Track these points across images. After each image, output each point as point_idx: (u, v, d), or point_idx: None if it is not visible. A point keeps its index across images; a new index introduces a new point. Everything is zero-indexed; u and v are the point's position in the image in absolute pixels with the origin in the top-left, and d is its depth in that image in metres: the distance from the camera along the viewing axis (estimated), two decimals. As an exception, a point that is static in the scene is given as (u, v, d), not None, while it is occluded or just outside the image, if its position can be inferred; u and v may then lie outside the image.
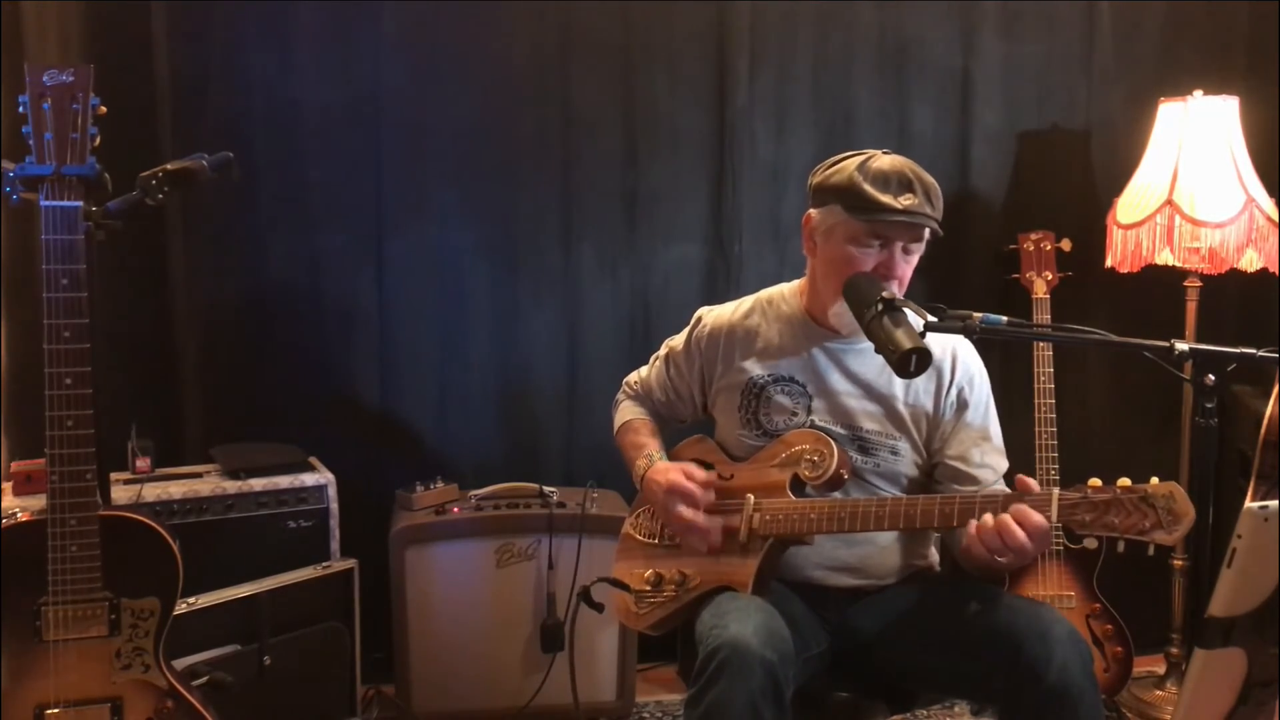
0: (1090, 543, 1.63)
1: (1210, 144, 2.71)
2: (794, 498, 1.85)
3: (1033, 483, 1.68)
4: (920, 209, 1.82)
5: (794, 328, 2.00)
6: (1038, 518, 1.63)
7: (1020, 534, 1.62)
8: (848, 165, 1.87)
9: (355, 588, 2.54)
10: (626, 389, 2.26)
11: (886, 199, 1.81)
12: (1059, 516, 1.62)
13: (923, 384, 1.94)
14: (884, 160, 1.85)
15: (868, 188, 1.82)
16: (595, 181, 2.99)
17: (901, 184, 1.83)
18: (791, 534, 1.84)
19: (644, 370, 2.23)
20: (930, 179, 1.86)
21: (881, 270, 1.85)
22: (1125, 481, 1.59)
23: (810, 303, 1.99)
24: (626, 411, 2.21)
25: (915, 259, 1.90)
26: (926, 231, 1.86)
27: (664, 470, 1.96)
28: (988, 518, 1.66)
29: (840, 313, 1.88)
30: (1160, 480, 1.57)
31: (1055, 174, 3.14)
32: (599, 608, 2.00)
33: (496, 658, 2.67)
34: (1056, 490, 1.64)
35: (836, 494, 1.86)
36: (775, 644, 1.66)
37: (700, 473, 1.93)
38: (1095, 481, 1.62)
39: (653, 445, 2.08)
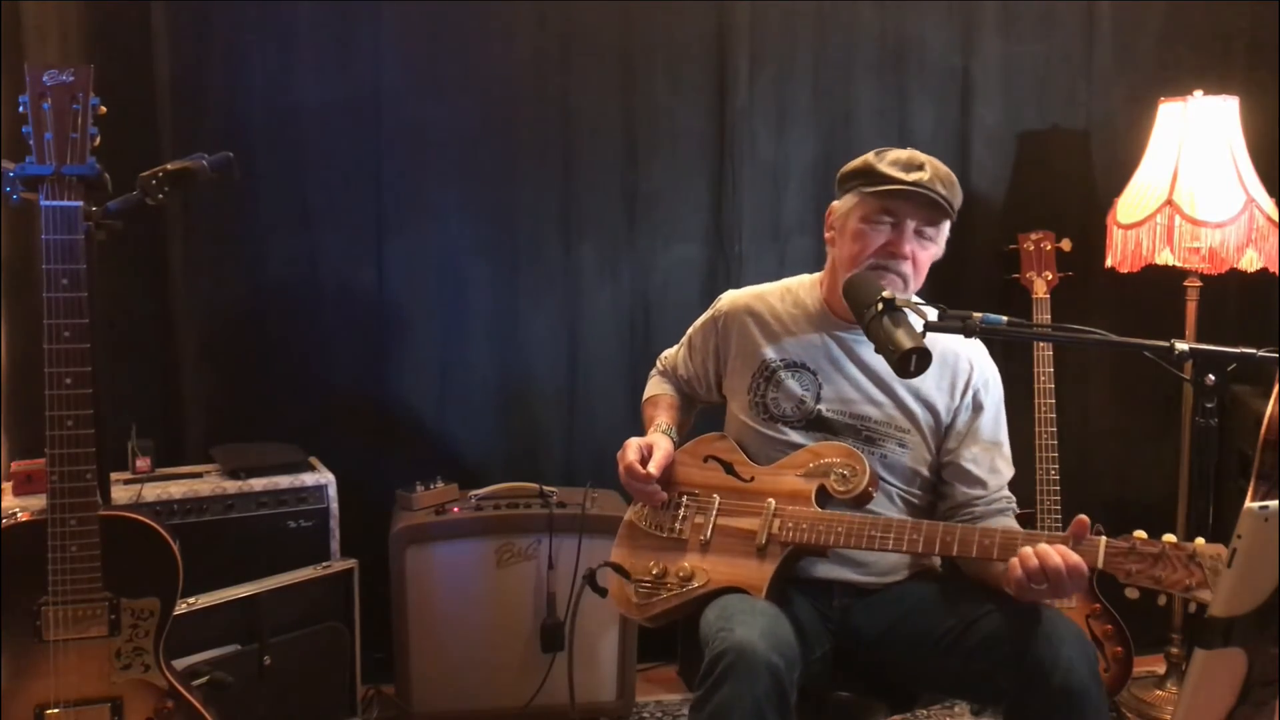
0: (1131, 593, 1.62)
1: (1210, 144, 2.71)
2: (818, 509, 1.86)
3: (1087, 523, 1.66)
4: (930, 184, 1.87)
5: (810, 316, 2.03)
6: (1079, 560, 1.61)
7: (1064, 574, 1.60)
8: (868, 155, 1.95)
9: (355, 588, 2.54)
10: (658, 364, 2.31)
11: (898, 173, 1.88)
12: (1105, 564, 1.61)
13: (936, 381, 1.96)
14: (903, 150, 1.93)
15: (881, 166, 1.91)
16: (595, 181, 2.99)
17: (913, 165, 1.90)
18: (814, 544, 1.84)
19: (674, 348, 2.28)
20: (946, 170, 1.92)
21: (890, 248, 1.90)
22: (1170, 538, 1.58)
23: (829, 293, 2.02)
24: (653, 387, 2.27)
25: (932, 248, 1.93)
26: (943, 219, 1.90)
27: (634, 441, 2.01)
28: (1028, 551, 1.63)
29: None
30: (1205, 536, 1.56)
31: (1055, 174, 3.14)
32: (603, 592, 2.00)
33: (496, 658, 2.67)
34: (1104, 538, 1.63)
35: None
36: (781, 648, 1.66)
37: (656, 445, 1.99)
38: (1140, 533, 1.61)
39: (665, 419, 2.12)
